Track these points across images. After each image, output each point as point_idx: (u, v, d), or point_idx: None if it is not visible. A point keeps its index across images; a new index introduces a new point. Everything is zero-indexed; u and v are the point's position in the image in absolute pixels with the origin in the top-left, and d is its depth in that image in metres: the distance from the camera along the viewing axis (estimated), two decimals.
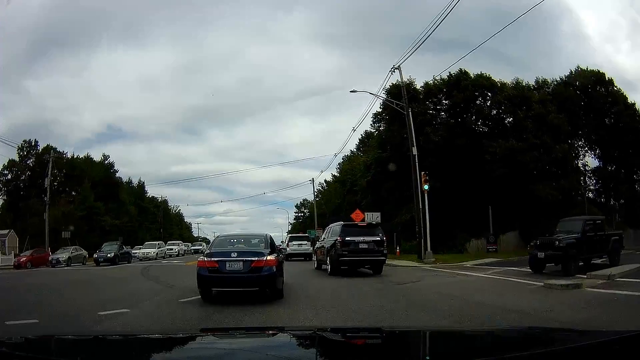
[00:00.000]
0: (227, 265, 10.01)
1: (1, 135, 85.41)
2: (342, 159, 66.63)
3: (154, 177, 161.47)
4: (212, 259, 10.20)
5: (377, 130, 44.24)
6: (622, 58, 73.66)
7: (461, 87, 38.98)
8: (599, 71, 47.31)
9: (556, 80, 48.33)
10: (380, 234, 18.45)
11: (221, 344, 2.73)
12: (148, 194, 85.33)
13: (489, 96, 40.50)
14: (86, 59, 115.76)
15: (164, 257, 42.15)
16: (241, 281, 10.09)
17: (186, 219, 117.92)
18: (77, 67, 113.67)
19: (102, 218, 62.57)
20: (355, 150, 65.32)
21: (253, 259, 10.04)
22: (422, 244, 25.90)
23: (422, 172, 26.29)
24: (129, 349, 2.54)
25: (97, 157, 75.07)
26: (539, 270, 17.58)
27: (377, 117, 43.73)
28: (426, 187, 25.94)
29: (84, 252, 38.44)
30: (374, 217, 31.92)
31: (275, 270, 10.25)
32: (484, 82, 40.27)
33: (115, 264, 32.58)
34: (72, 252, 36.58)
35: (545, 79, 49.40)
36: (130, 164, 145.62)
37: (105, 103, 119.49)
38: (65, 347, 2.54)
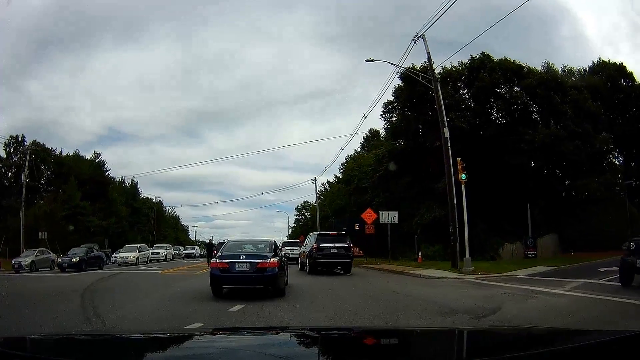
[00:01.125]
0: (236, 266, 10.95)
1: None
2: (345, 158, 60.66)
3: (153, 179, 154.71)
4: (223, 260, 11.07)
5: (387, 121, 38.02)
6: (621, 59, 67.81)
7: (487, 68, 33.01)
8: (621, 64, 41.87)
9: (580, 71, 43.17)
10: (348, 242, 21.10)
11: (222, 342, 2.65)
12: (142, 195, 79.04)
13: (515, 81, 34.33)
14: (86, 60, 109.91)
15: (147, 262, 35.75)
16: (248, 280, 10.95)
17: (185, 222, 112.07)
18: (76, 67, 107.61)
19: (88, 218, 56.32)
20: (359, 149, 59.28)
21: (258, 261, 10.97)
22: (458, 249, 19.64)
23: (458, 159, 20.06)
24: (134, 348, 2.46)
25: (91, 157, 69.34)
26: (628, 282, 13.01)
27: (388, 107, 37.63)
28: (463, 176, 19.73)
29: (52, 256, 32.13)
30: (390, 216, 25.81)
31: (277, 271, 11.05)
32: (510, 66, 34.21)
33: (82, 270, 26.31)
34: (36, 256, 30.24)
35: (571, 67, 43.99)
36: (130, 165, 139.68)
37: (104, 104, 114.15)
38: (69, 346, 2.40)
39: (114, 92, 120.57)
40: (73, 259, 27.16)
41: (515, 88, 34.03)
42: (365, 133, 60.18)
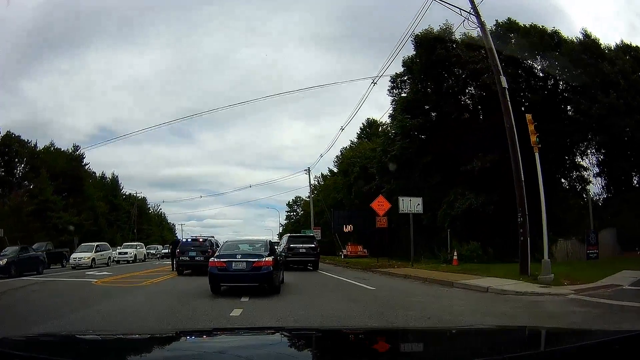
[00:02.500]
0: (233, 265, 10.80)
1: None
2: (341, 151, 53.92)
3: (146, 179, 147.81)
4: (221, 259, 10.92)
5: (395, 97, 31.29)
6: None
7: (520, 32, 26.60)
8: None
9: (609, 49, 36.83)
10: (315, 243, 23.04)
11: (220, 343, 2.45)
12: (124, 190, 71.61)
13: (551, 48, 27.74)
14: (79, 61, 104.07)
15: (107, 264, 28.58)
16: (244, 278, 10.74)
17: (173, 221, 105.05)
18: (69, 69, 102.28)
19: (57, 214, 49.05)
20: (355, 140, 52.47)
21: (254, 260, 10.84)
22: (529, 249, 12.93)
23: (528, 115, 13.32)
24: (133, 348, 2.31)
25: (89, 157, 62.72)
26: None
27: (396, 81, 31.01)
28: (537, 140, 12.98)
29: None
30: (412, 204, 19.15)
31: (272, 269, 10.84)
32: (542, 31, 27.68)
33: (12, 275, 19.43)
34: None
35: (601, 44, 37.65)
36: (121, 165, 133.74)
37: (97, 105, 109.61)
38: (69, 346, 2.23)
39: (106, 92, 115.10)
40: (0, 262, 20.09)
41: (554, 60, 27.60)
42: (363, 123, 53.68)
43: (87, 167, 65.09)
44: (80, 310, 8.80)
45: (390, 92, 32.15)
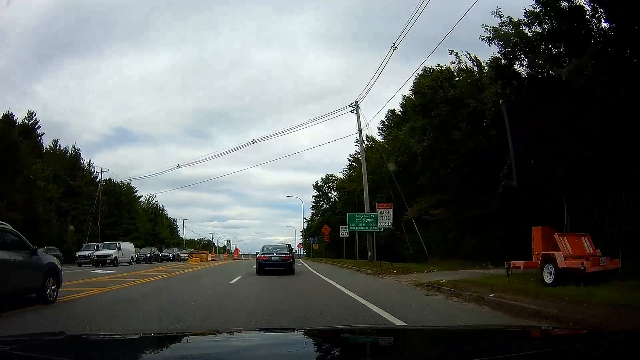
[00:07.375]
0: (272, 258, 19.05)
1: None
2: (387, 114, 33.33)
3: (161, 179, 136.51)
4: (265, 255, 19.28)
5: None
6: None
7: None
8: None
9: None
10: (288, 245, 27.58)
11: (228, 342, 2.39)
12: (93, 170, 51.99)
13: None
14: (95, 63, 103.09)
15: None
16: (278, 266, 18.73)
17: (199, 222, 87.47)
18: (85, 70, 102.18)
19: None
20: (410, 94, 31.30)
21: (283, 255, 19.30)
22: None
23: None
24: (135, 348, 2.16)
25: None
26: None
27: None
28: None
29: None
30: None
31: (291, 261, 19.53)
32: None
33: None
34: None
35: None
36: (140, 166, 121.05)
37: (115, 106, 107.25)
38: (69, 346, 2.08)
39: (124, 94, 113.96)
40: None
41: None
42: (417, 73, 32.91)
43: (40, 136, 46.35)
44: None
45: None
